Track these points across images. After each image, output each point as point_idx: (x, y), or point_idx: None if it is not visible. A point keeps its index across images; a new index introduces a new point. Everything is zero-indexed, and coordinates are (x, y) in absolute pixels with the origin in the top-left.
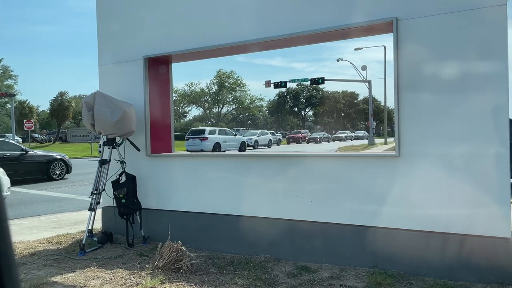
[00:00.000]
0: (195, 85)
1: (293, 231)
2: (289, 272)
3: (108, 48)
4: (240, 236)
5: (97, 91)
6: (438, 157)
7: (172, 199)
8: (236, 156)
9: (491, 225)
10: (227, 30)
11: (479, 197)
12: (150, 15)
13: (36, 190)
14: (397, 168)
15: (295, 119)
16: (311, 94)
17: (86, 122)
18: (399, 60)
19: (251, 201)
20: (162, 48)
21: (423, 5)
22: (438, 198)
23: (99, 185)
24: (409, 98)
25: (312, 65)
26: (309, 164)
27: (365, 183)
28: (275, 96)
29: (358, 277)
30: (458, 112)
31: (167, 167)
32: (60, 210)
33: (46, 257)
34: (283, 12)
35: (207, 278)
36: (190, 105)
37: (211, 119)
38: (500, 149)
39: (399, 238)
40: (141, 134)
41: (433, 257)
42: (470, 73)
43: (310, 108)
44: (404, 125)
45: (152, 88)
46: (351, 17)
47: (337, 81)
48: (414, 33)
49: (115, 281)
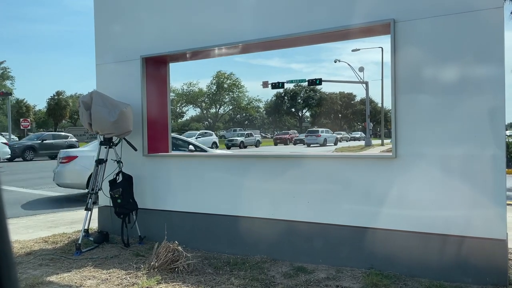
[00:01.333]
0: (193, 85)
1: (290, 232)
2: (286, 272)
3: (105, 48)
4: (236, 236)
5: (94, 91)
6: (435, 158)
7: (168, 199)
8: (233, 157)
9: (487, 227)
10: (226, 30)
11: (476, 198)
12: (148, 14)
13: (32, 190)
14: (393, 169)
15: (292, 119)
16: (309, 95)
17: (83, 122)
18: (396, 61)
19: (247, 202)
20: (160, 47)
21: (421, 7)
22: (435, 200)
23: (95, 184)
24: (406, 100)
25: (310, 66)
26: (306, 165)
27: (362, 184)
28: (273, 97)
29: (354, 278)
30: (454, 114)
31: (164, 167)
32: (56, 209)
33: (42, 256)
34: (282, 12)
35: (203, 278)
36: (188, 105)
37: (209, 119)
38: (496, 150)
39: (395, 239)
40: (138, 133)
41: (429, 258)
42: (467, 75)
43: (308, 109)
44: (401, 126)
45: (150, 88)
46: (350, 18)
47: (334, 82)
48: (412, 35)
49: (111, 281)
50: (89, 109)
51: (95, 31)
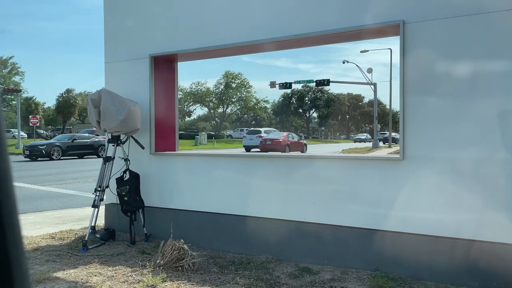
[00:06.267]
0: (201, 85)
1: (296, 232)
2: (291, 273)
3: (114, 46)
4: (242, 236)
5: (103, 89)
6: (443, 161)
7: (175, 198)
8: (240, 156)
9: (497, 231)
10: (235, 30)
11: (485, 202)
12: (158, 13)
13: (40, 186)
14: (401, 171)
15: (300, 120)
16: (316, 96)
17: (91, 119)
18: (405, 63)
19: (254, 201)
20: (168, 46)
21: (431, 8)
22: (444, 203)
23: (102, 182)
24: (415, 102)
25: (318, 66)
26: (313, 166)
27: (369, 186)
28: (280, 97)
29: (359, 279)
30: (464, 116)
31: (171, 165)
32: (64, 206)
33: (48, 252)
34: (293, 12)
35: (208, 277)
36: (195, 104)
37: (216, 118)
38: (507, 154)
39: (401, 241)
40: (146, 132)
41: (436, 261)
42: (477, 77)
43: (315, 110)
44: (409, 128)
45: (158, 87)
46: (359, 19)
47: (342, 83)
48: (421, 37)
49: (117, 278)
50: (97, 107)
51: (104, 29)
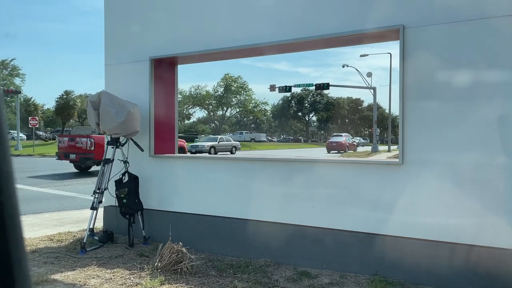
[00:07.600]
0: (201, 88)
1: (295, 236)
2: (289, 277)
3: (114, 48)
4: (241, 239)
5: (102, 91)
6: (443, 165)
7: (174, 200)
8: (240, 159)
9: (496, 236)
10: (236, 33)
11: (485, 207)
12: (158, 16)
13: (39, 188)
14: (401, 175)
15: (299, 123)
16: (315, 99)
17: (91, 121)
18: (405, 67)
19: (252, 205)
20: (168, 49)
21: (431, 13)
22: (443, 207)
23: (101, 184)
24: (414, 106)
25: (317, 70)
26: (312, 169)
27: (368, 190)
28: (279, 100)
29: (358, 284)
30: (464, 121)
31: (170, 168)
32: (62, 208)
33: (46, 254)
34: (295, 17)
35: (206, 280)
36: (194, 107)
37: (215, 121)
38: (507, 158)
39: (400, 246)
40: (145, 134)
41: (435, 266)
42: (477, 82)
43: (314, 114)
44: (409, 132)
45: (158, 89)
46: (361, 24)
47: (342, 87)
48: (421, 41)
49: (115, 280)
50: (97, 109)
51: (104, 32)
